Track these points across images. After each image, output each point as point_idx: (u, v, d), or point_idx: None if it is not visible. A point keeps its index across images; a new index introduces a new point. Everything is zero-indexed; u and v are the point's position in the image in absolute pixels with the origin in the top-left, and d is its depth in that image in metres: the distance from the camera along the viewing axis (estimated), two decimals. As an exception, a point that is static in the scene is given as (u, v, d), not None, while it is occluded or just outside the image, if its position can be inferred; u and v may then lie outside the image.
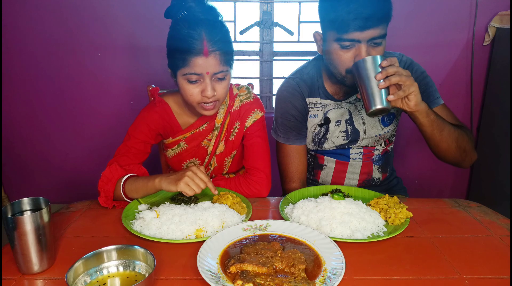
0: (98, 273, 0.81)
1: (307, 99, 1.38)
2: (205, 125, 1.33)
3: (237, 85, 1.40)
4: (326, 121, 1.37)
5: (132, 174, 1.19)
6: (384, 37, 1.15)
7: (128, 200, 1.17)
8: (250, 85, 1.64)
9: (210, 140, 1.35)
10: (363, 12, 1.09)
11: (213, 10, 1.15)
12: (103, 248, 0.81)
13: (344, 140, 1.37)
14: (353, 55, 1.15)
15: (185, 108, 1.33)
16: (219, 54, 1.12)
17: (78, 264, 0.77)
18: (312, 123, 1.39)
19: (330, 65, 1.24)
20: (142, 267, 0.82)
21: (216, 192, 1.11)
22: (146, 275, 0.79)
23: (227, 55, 1.15)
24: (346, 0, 1.10)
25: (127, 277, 0.81)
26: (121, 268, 0.83)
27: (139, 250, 0.82)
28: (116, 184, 1.15)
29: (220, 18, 1.17)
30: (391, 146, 1.46)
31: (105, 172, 1.18)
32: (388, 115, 1.35)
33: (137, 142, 1.29)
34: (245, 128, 1.34)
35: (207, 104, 1.19)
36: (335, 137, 1.37)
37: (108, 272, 0.82)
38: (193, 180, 1.06)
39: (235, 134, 1.35)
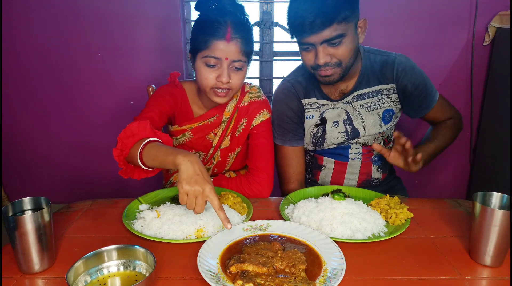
0: (98, 272, 0.81)
1: (303, 100, 1.38)
2: (214, 117, 1.34)
3: (249, 84, 1.42)
4: (323, 121, 1.37)
5: (156, 139, 1.07)
6: (341, 37, 1.16)
7: (140, 164, 1.04)
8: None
9: (216, 134, 1.36)
10: (307, 17, 1.12)
11: (241, 7, 1.20)
12: (104, 248, 0.81)
13: (344, 139, 1.38)
14: (313, 56, 1.21)
15: (198, 97, 1.36)
16: (240, 42, 1.15)
17: (79, 264, 0.77)
18: (310, 124, 1.39)
19: (304, 65, 1.29)
20: (142, 267, 0.82)
21: (230, 227, 0.92)
22: (147, 275, 0.79)
23: (248, 48, 1.19)
24: (295, 6, 1.17)
25: (128, 277, 0.81)
26: (121, 268, 0.83)
27: (140, 250, 0.82)
28: (137, 143, 1.05)
29: (247, 17, 1.21)
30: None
31: (132, 124, 1.07)
32: (388, 111, 1.35)
33: (158, 99, 1.28)
34: (252, 126, 1.35)
35: (220, 90, 1.20)
36: (335, 138, 1.37)
37: (109, 271, 0.82)
38: (197, 198, 0.91)
39: (241, 131, 1.36)
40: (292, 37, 1.24)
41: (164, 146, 1.04)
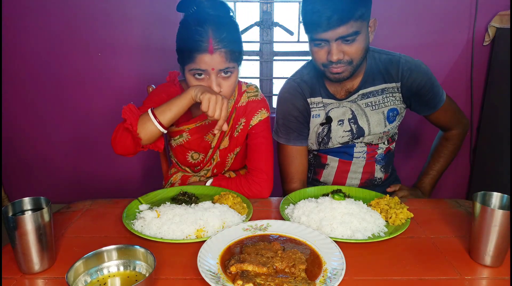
0: (98, 272, 0.81)
1: (308, 100, 1.38)
2: None
3: (246, 83, 1.41)
4: (328, 120, 1.37)
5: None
6: (356, 34, 1.16)
7: (158, 125, 1.13)
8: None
9: (214, 134, 1.35)
10: (325, 12, 1.12)
11: (223, 6, 1.18)
12: (104, 248, 0.81)
13: (349, 138, 1.38)
14: (326, 52, 1.21)
15: None
16: (224, 51, 1.13)
17: (79, 264, 0.77)
18: (315, 123, 1.39)
19: (313, 62, 1.29)
20: (142, 267, 0.82)
21: (226, 128, 1.14)
22: (147, 275, 0.79)
23: (234, 52, 1.17)
24: (312, 1, 1.16)
25: (128, 277, 0.81)
26: (121, 268, 0.83)
27: (140, 250, 0.82)
28: (143, 116, 1.14)
29: (230, 14, 1.19)
30: (393, 145, 1.46)
31: (125, 107, 1.15)
32: (392, 111, 1.36)
33: (156, 100, 1.28)
34: (250, 126, 1.34)
35: None
36: (340, 137, 1.37)
37: (109, 271, 0.82)
38: (217, 103, 1.09)
39: (239, 131, 1.35)
40: (306, 32, 1.23)
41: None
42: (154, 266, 0.76)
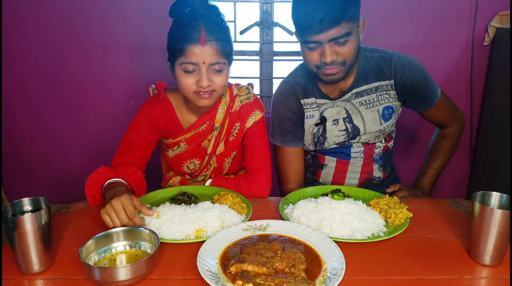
0: (107, 252, 0.90)
1: (302, 101, 1.38)
2: (205, 125, 1.32)
3: (237, 85, 1.40)
4: (323, 120, 1.37)
5: (114, 179, 1.19)
6: (348, 35, 1.16)
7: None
8: (250, 85, 1.63)
9: (209, 140, 1.35)
10: (317, 15, 1.12)
11: (215, 8, 1.18)
12: (112, 230, 0.91)
13: (344, 138, 1.38)
14: (319, 54, 1.21)
15: (185, 105, 1.33)
16: (216, 44, 1.13)
17: (90, 243, 0.86)
18: (310, 124, 1.39)
19: (306, 64, 1.29)
20: (147, 246, 0.91)
21: (152, 213, 1.01)
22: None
23: (225, 48, 1.16)
24: (303, 4, 1.16)
25: (136, 255, 0.90)
26: (128, 247, 0.92)
27: (145, 231, 0.92)
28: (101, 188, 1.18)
29: (222, 17, 1.19)
30: (391, 143, 1.46)
31: (91, 176, 1.21)
32: (387, 109, 1.35)
33: (138, 138, 1.29)
34: (245, 129, 1.34)
35: (203, 93, 1.17)
36: (335, 137, 1.37)
37: (117, 250, 0.91)
38: (112, 212, 0.95)
39: (235, 135, 1.35)
40: (298, 35, 1.23)
41: (111, 190, 1.10)
42: (158, 245, 0.85)
